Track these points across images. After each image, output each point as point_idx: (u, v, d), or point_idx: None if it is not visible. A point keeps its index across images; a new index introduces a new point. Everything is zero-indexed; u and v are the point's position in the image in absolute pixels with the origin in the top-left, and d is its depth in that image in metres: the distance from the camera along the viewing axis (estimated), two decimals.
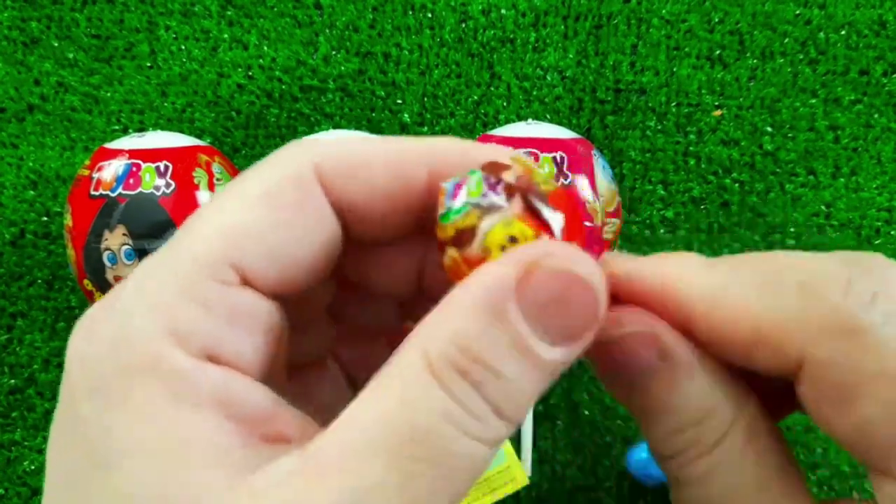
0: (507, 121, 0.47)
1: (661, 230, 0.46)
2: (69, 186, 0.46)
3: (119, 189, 0.38)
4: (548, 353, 0.13)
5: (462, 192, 0.14)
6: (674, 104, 0.46)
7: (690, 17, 0.47)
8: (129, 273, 0.37)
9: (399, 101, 0.47)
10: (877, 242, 0.45)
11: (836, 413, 0.13)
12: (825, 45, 0.46)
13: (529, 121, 0.42)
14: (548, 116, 0.47)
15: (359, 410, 0.13)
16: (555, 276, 0.13)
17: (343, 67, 0.48)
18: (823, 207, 0.45)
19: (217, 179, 0.40)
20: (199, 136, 0.47)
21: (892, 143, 0.46)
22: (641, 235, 0.46)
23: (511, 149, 0.16)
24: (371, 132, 0.42)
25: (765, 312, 0.13)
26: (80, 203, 0.38)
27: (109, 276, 0.38)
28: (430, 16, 0.48)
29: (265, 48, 0.48)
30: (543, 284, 0.13)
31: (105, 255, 0.38)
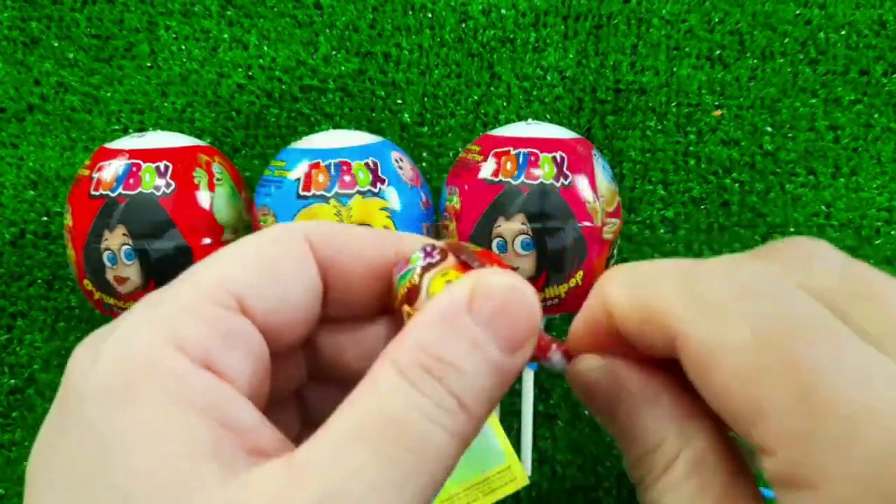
0: (507, 121, 0.47)
1: (661, 230, 0.46)
2: (69, 186, 0.46)
3: (119, 189, 0.38)
4: (500, 357, 0.15)
5: (406, 265, 0.18)
6: (674, 104, 0.46)
7: (690, 17, 0.47)
8: (129, 272, 0.37)
9: (399, 101, 0.47)
10: (877, 242, 0.45)
11: (702, 381, 0.14)
12: (825, 45, 0.46)
13: (529, 121, 0.42)
14: (548, 116, 0.47)
15: (337, 415, 0.14)
16: (498, 292, 0.15)
17: (343, 67, 0.48)
18: (823, 207, 0.45)
19: (217, 179, 0.40)
20: (199, 136, 0.47)
21: (892, 143, 0.46)
22: (641, 235, 0.46)
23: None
24: (371, 132, 0.42)
25: (643, 305, 0.16)
26: (80, 203, 0.38)
27: (109, 276, 0.38)
28: (430, 16, 0.48)
29: (265, 48, 0.48)
30: (489, 297, 0.15)
31: (105, 255, 0.38)
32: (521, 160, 0.38)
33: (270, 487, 0.13)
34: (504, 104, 0.47)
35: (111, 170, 0.38)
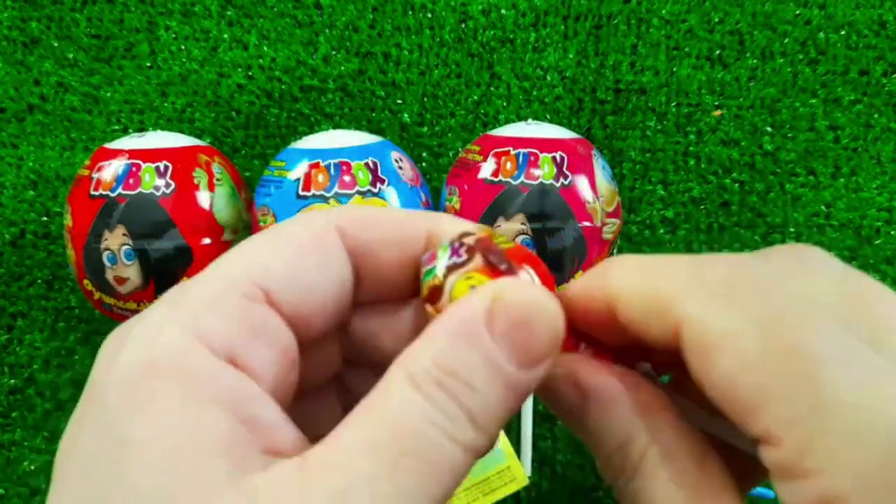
0: (507, 121, 0.47)
1: (661, 230, 0.46)
2: (69, 186, 0.46)
3: (119, 189, 0.38)
4: (515, 373, 0.15)
5: (433, 260, 0.17)
6: (674, 104, 0.46)
7: (690, 17, 0.47)
8: (129, 272, 0.37)
9: (399, 101, 0.47)
10: (877, 242, 0.45)
11: (704, 368, 0.14)
12: (825, 46, 0.46)
13: (529, 121, 0.42)
14: (548, 116, 0.47)
15: (349, 421, 0.14)
16: (518, 305, 0.15)
17: (343, 67, 0.48)
18: (823, 207, 0.45)
19: (217, 179, 0.40)
20: (199, 136, 0.47)
21: (892, 143, 0.46)
22: (641, 235, 0.46)
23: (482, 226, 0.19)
24: (371, 132, 0.42)
25: (651, 289, 0.16)
26: (80, 203, 0.38)
27: (109, 276, 0.38)
28: (430, 16, 0.48)
29: (265, 48, 0.48)
30: (508, 311, 0.15)
31: (105, 255, 0.38)
32: (521, 160, 0.38)
33: (278, 491, 0.13)
34: (504, 104, 0.47)
35: (111, 170, 0.38)
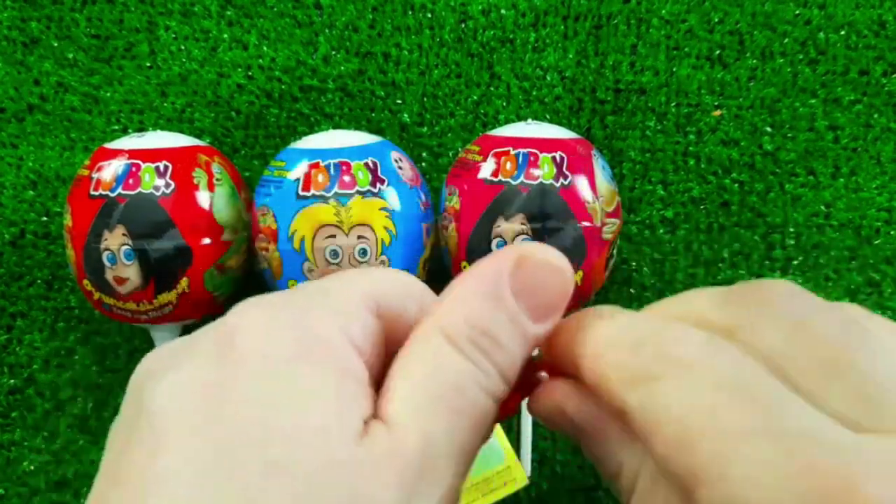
0: (507, 121, 0.47)
1: (661, 230, 0.46)
2: (69, 186, 0.46)
3: (119, 189, 0.38)
4: (531, 328, 0.17)
5: None
6: (674, 104, 0.46)
7: (690, 17, 0.47)
8: (129, 272, 0.37)
9: (399, 101, 0.47)
10: (876, 242, 0.45)
11: (650, 449, 0.16)
12: (825, 46, 0.46)
13: (529, 121, 0.42)
14: (547, 116, 0.47)
15: (400, 376, 0.17)
16: (539, 266, 0.17)
17: (343, 67, 0.48)
18: (823, 207, 0.45)
19: (217, 179, 0.40)
20: (199, 136, 0.47)
21: (892, 143, 0.46)
22: (641, 235, 0.46)
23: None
24: (371, 132, 0.42)
25: (599, 373, 0.17)
26: (80, 203, 0.38)
27: (109, 277, 0.38)
28: (430, 16, 0.48)
29: (265, 48, 0.48)
30: (530, 274, 0.17)
31: (104, 256, 0.38)
32: (521, 160, 0.38)
33: (384, 446, 0.15)
34: (504, 104, 0.47)
35: (111, 170, 0.38)
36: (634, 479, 0.18)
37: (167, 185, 0.38)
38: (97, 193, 0.38)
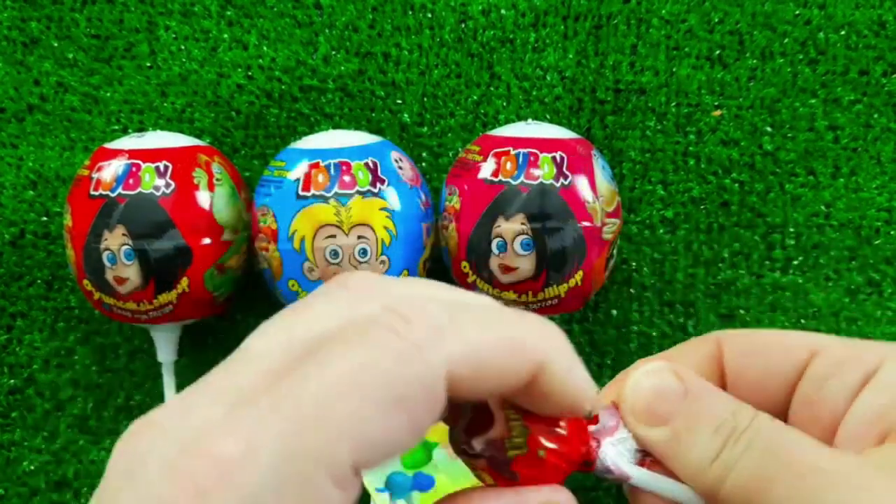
0: (507, 121, 0.47)
1: (661, 230, 0.46)
2: (69, 186, 0.46)
3: (119, 189, 0.38)
4: None
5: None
6: (674, 104, 0.46)
7: (690, 17, 0.47)
8: (129, 272, 0.37)
9: (399, 101, 0.47)
10: (876, 242, 0.45)
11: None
12: (825, 45, 0.46)
13: (529, 121, 0.42)
14: (547, 116, 0.47)
15: None
16: None
17: (343, 67, 0.48)
18: (823, 207, 0.45)
19: (217, 179, 0.40)
20: (199, 136, 0.47)
21: (892, 143, 0.46)
22: (641, 235, 0.46)
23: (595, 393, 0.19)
24: (371, 132, 0.42)
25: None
26: (80, 203, 0.38)
27: (109, 277, 0.38)
28: (430, 16, 0.48)
29: (265, 48, 0.48)
30: None
31: (105, 256, 0.38)
32: (521, 160, 0.38)
33: None
34: (504, 104, 0.47)
35: (111, 170, 0.38)
36: None
37: (167, 185, 0.38)
38: (97, 193, 0.38)
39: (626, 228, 0.46)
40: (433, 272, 0.42)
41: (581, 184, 0.38)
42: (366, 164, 0.38)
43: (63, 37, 0.49)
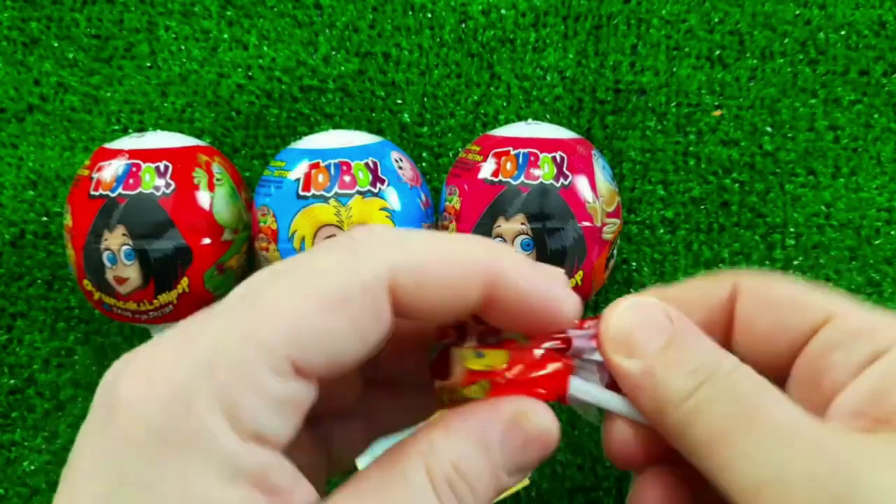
0: (507, 121, 0.47)
1: (661, 230, 0.46)
2: (69, 186, 0.46)
3: (119, 189, 0.38)
4: (505, 481, 0.18)
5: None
6: (674, 104, 0.46)
7: (690, 17, 0.47)
8: (129, 272, 0.37)
9: (399, 101, 0.47)
10: (876, 242, 0.45)
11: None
12: (825, 46, 0.46)
13: (529, 121, 0.42)
14: (548, 116, 0.47)
15: (361, 495, 0.16)
16: (533, 432, 0.18)
17: (343, 67, 0.48)
18: (823, 207, 0.45)
19: (217, 179, 0.40)
20: (199, 136, 0.47)
21: (892, 143, 0.46)
22: (641, 235, 0.46)
23: (562, 279, 0.19)
24: (371, 132, 0.42)
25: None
26: (80, 203, 0.38)
27: (109, 277, 0.38)
28: (430, 16, 0.48)
29: (265, 48, 0.48)
30: (523, 435, 0.18)
31: (105, 256, 0.38)
32: (521, 160, 0.38)
33: None
34: (504, 104, 0.47)
35: (111, 170, 0.38)
36: None
37: (167, 185, 0.38)
38: (97, 193, 0.38)
39: (626, 228, 0.46)
40: None
41: (581, 184, 0.38)
42: (366, 164, 0.38)
43: (63, 37, 0.49)
